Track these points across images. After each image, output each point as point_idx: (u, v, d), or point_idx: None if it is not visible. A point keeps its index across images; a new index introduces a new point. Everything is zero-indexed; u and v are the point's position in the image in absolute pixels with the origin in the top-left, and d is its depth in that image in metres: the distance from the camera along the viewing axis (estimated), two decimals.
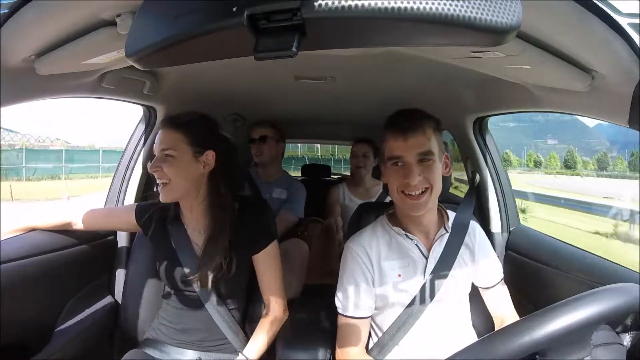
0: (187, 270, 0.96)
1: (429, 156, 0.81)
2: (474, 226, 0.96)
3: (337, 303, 0.90)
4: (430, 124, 0.83)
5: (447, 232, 0.90)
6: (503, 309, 0.94)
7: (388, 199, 1.93)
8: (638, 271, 0.89)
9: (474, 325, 0.97)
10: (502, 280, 0.95)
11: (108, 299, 1.21)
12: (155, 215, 1.02)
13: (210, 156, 0.95)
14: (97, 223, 1.09)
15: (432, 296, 0.87)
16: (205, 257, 0.94)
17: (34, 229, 1.03)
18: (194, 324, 0.99)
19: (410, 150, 0.80)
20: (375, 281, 0.88)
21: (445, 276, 0.87)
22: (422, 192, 0.81)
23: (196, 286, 0.96)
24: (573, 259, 1.07)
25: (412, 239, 0.89)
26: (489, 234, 1.00)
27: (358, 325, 0.88)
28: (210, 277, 0.93)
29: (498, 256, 1.07)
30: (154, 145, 0.94)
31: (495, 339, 0.46)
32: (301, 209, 1.73)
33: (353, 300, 0.88)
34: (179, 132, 0.93)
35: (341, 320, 0.90)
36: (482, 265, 0.93)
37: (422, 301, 0.86)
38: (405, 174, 0.80)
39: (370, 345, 0.93)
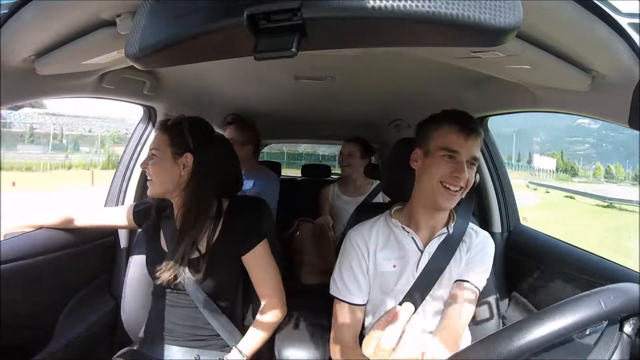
0: None
1: (475, 161, 0.87)
2: (484, 236, 0.95)
3: (332, 286, 0.93)
4: (482, 135, 0.88)
5: (449, 232, 0.90)
6: (450, 312, 0.85)
7: (379, 199, 1.95)
8: (638, 271, 0.89)
9: (470, 327, 0.96)
10: (474, 293, 0.87)
11: (108, 299, 1.22)
12: (149, 213, 1.06)
13: (188, 158, 0.97)
14: (96, 220, 1.11)
15: (426, 291, 0.87)
16: (172, 252, 0.96)
17: (37, 228, 1.03)
18: (184, 321, 1.00)
19: (467, 149, 0.84)
20: (369, 270, 0.90)
21: (440, 272, 0.88)
22: (458, 190, 0.85)
23: (185, 284, 0.97)
24: (573, 259, 1.07)
25: (408, 232, 0.90)
26: (489, 234, 1.01)
27: (351, 311, 0.90)
28: (176, 273, 0.94)
29: (498, 256, 1.05)
30: None
31: (494, 340, 0.46)
32: (272, 203, 1.68)
33: (347, 285, 0.90)
34: (165, 133, 0.98)
35: (336, 304, 0.92)
36: (467, 264, 0.90)
37: (417, 295, 0.87)
38: (456, 169, 0.83)
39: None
